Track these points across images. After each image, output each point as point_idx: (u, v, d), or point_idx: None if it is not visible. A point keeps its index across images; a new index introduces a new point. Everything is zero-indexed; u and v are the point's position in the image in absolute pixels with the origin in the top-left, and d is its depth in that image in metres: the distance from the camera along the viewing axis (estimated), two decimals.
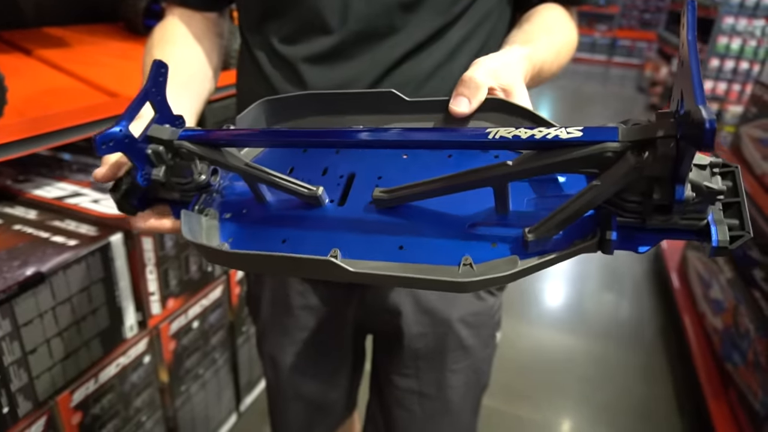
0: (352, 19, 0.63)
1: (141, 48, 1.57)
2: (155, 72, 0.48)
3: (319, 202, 0.48)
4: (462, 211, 0.45)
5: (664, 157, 0.33)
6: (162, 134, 0.48)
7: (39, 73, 1.21)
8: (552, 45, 0.63)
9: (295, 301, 0.81)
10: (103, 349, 1.01)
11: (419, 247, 0.43)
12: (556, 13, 0.70)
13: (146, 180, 0.49)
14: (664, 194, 0.35)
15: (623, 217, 0.38)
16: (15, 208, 1.04)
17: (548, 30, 0.66)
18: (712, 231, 0.36)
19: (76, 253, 0.91)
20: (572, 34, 0.71)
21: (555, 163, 0.38)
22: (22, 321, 0.83)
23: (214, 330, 1.32)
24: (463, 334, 0.78)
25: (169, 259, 1.11)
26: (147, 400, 1.14)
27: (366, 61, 0.65)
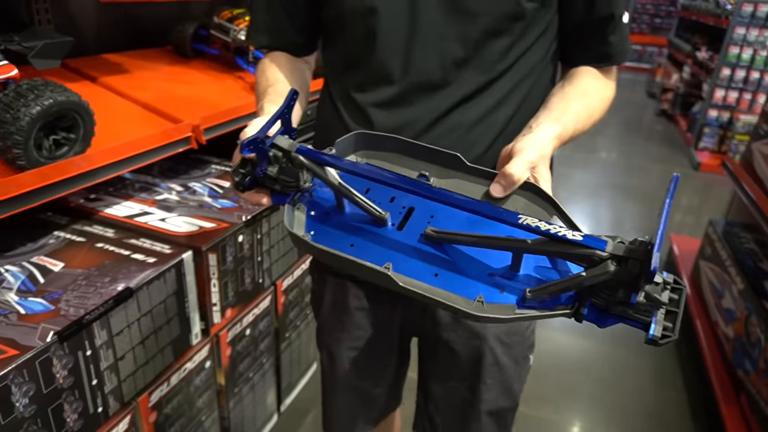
0: (412, 72, 0.76)
1: (190, 71, 1.69)
2: (289, 98, 0.64)
3: (384, 223, 0.62)
4: (486, 260, 0.59)
5: (629, 272, 0.48)
6: (284, 144, 0.63)
7: (107, 101, 1.32)
8: (585, 110, 0.75)
9: (353, 303, 0.93)
10: (174, 355, 1.11)
11: (449, 278, 0.57)
12: (595, 75, 0.80)
13: (263, 173, 0.63)
14: (625, 295, 0.50)
15: (595, 300, 0.53)
16: (93, 226, 1.15)
17: (584, 94, 0.77)
18: (651, 327, 0.51)
19: (157, 269, 1.02)
20: (608, 92, 0.82)
21: (558, 252, 0.54)
22: (115, 331, 0.94)
23: (263, 336, 1.42)
24: (497, 350, 0.88)
25: (228, 272, 1.21)
26: (206, 401, 1.25)
27: (422, 107, 0.77)
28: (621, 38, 0.79)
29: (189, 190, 1.35)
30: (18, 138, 0.89)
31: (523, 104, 0.79)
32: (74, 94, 0.96)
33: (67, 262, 1.01)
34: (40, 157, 0.94)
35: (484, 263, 0.59)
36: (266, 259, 1.36)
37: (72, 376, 0.87)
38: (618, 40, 0.79)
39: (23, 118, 0.88)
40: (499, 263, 0.58)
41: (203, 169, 1.49)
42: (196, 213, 1.24)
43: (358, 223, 0.64)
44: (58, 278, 0.96)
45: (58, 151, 0.98)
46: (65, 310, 0.88)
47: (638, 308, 0.51)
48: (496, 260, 0.59)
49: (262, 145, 0.61)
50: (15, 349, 0.78)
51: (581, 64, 0.81)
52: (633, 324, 0.53)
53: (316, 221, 0.65)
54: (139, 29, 1.72)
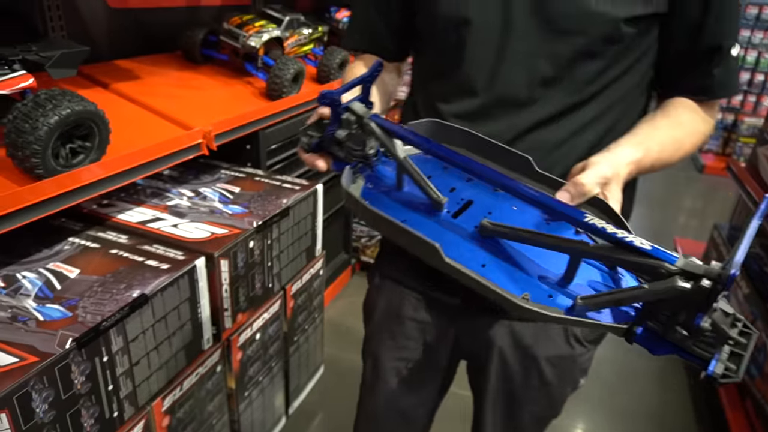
0: (497, 86, 0.76)
1: (199, 77, 1.71)
2: (374, 67, 0.66)
3: (440, 208, 0.62)
4: (540, 263, 0.56)
5: (700, 291, 0.43)
6: (359, 110, 0.65)
7: (119, 107, 1.34)
8: (673, 140, 0.73)
9: (407, 313, 0.93)
10: (186, 360, 1.13)
11: (496, 271, 0.55)
12: (691, 107, 0.77)
13: (331, 134, 0.66)
14: (689, 317, 0.44)
15: (652, 323, 0.48)
16: (107, 232, 1.16)
17: (676, 124, 0.74)
18: (712, 362, 0.45)
19: (170, 276, 1.03)
20: (704, 127, 0.78)
21: (622, 260, 0.50)
22: (131, 337, 0.96)
23: (272, 340, 1.44)
24: (546, 371, 0.90)
25: (239, 278, 1.23)
26: (217, 405, 1.26)
27: (504, 123, 0.77)
28: (727, 72, 0.75)
29: (200, 196, 1.37)
30: (36, 147, 0.90)
31: (610, 132, 0.77)
32: (91, 103, 0.98)
33: (82, 268, 1.03)
34: (57, 165, 0.96)
35: (538, 266, 0.56)
36: (276, 264, 1.37)
37: (89, 381, 0.88)
38: (723, 73, 0.75)
39: (41, 127, 0.90)
40: (553, 269, 0.56)
41: (213, 174, 1.50)
42: (207, 219, 1.25)
43: (413, 204, 0.64)
44: (74, 285, 0.98)
45: (75, 159, 1.00)
46: (82, 317, 0.89)
47: (700, 339, 0.46)
48: (551, 265, 0.56)
49: (338, 105, 0.64)
50: (35, 356, 0.80)
51: (679, 95, 0.78)
52: (689, 357, 0.47)
53: (373, 193, 0.66)
54: (149, 35, 1.74)
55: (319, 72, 1.90)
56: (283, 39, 1.73)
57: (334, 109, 0.65)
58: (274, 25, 1.71)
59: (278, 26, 1.72)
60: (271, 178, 1.50)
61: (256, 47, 1.63)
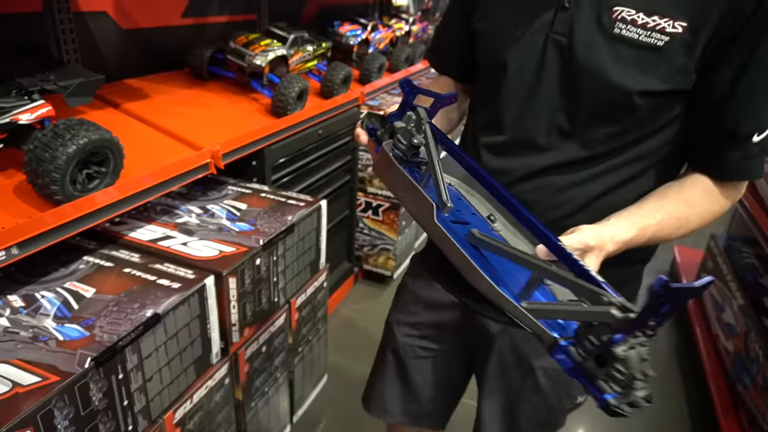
0: (521, 128, 0.85)
1: (206, 94, 1.76)
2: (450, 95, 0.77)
3: (444, 210, 0.68)
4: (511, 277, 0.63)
5: (626, 320, 0.47)
6: (421, 113, 0.77)
7: (130, 128, 1.39)
8: (675, 220, 0.76)
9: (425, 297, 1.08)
10: (196, 374, 1.18)
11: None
12: (705, 187, 0.79)
13: (391, 121, 0.79)
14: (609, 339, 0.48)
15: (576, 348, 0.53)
16: (120, 251, 1.21)
17: (686, 204, 0.78)
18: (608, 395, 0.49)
19: (182, 295, 1.08)
20: (715, 206, 0.79)
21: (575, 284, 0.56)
22: (144, 354, 1.00)
23: (277, 352, 1.49)
24: (541, 380, 0.97)
25: (246, 294, 1.28)
26: (225, 416, 1.31)
27: (522, 161, 0.85)
28: (744, 157, 0.76)
29: (208, 213, 1.42)
30: (56, 175, 0.95)
31: (618, 188, 0.82)
32: (106, 131, 1.03)
33: (98, 287, 1.08)
34: (75, 190, 1.01)
35: (509, 276, 0.64)
36: (281, 279, 1.42)
37: (106, 398, 0.93)
38: (738, 157, 0.76)
39: (60, 156, 0.95)
40: (520, 280, 0.62)
41: (220, 191, 1.55)
42: (215, 237, 1.30)
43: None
44: (90, 304, 1.03)
45: (90, 184, 1.05)
46: (100, 336, 0.94)
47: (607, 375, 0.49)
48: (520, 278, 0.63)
49: (411, 101, 0.78)
50: (56, 375, 0.85)
51: (696, 169, 0.81)
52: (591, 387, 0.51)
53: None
54: (158, 53, 1.79)
55: (322, 87, 1.95)
56: (287, 57, 1.78)
57: (405, 100, 0.78)
58: (279, 43, 1.76)
59: (283, 44, 1.77)
60: (276, 194, 1.55)
61: (261, 66, 1.68)
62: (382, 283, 2.62)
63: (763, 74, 0.72)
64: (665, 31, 0.71)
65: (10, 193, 1.03)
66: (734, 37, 0.70)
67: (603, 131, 0.79)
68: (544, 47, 0.79)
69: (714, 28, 0.70)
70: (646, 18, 0.72)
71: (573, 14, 0.76)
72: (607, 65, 0.74)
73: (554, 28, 0.78)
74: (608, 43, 0.74)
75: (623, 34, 0.73)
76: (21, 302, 1.02)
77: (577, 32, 0.76)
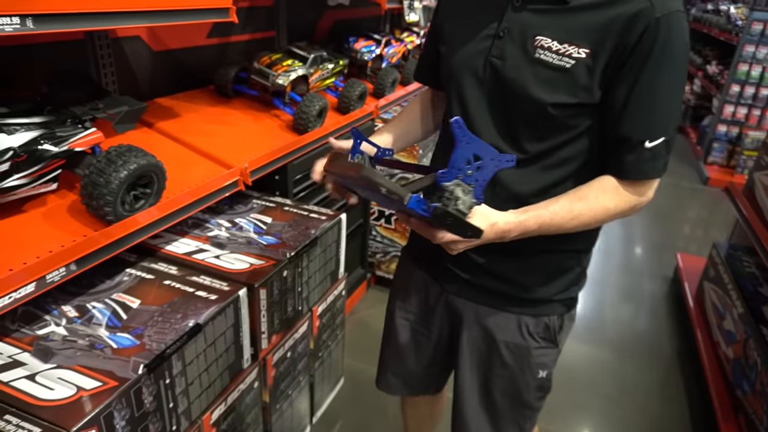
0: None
1: (231, 112, 1.86)
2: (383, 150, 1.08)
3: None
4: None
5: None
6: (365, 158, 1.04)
7: (164, 147, 1.48)
8: (568, 212, 0.92)
9: (410, 281, 1.25)
10: (230, 378, 1.27)
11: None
12: (603, 186, 0.94)
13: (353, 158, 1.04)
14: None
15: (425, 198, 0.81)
16: (158, 264, 1.31)
17: (578, 199, 0.93)
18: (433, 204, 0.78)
19: (219, 306, 1.17)
20: (608, 204, 0.94)
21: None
22: (187, 361, 1.10)
23: (300, 357, 1.58)
24: (504, 353, 1.12)
25: (274, 303, 1.37)
26: (254, 417, 1.41)
27: None
28: (636, 160, 0.91)
29: (236, 227, 1.51)
30: (109, 198, 1.05)
31: (553, 188, 0.98)
32: (152, 156, 1.12)
33: (142, 299, 1.17)
34: (124, 211, 1.11)
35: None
36: (305, 289, 1.52)
37: (156, 401, 1.03)
38: (632, 160, 0.91)
39: (114, 181, 1.05)
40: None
41: (246, 204, 1.64)
42: (245, 250, 1.40)
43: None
44: (137, 315, 1.12)
45: (137, 204, 1.14)
46: (149, 345, 1.04)
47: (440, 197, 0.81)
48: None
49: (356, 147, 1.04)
50: (115, 381, 0.94)
51: (604, 171, 0.96)
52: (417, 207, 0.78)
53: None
54: (185, 73, 1.88)
55: (340, 103, 2.04)
56: (308, 76, 1.87)
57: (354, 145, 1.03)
58: (300, 63, 1.85)
59: (304, 64, 1.86)
60: (298, 208, 1.64)
61: (284, 85, 1.77)
62: None
63: (647, 92, 0.88)
64: (572, 56, 0.88)
65: (64, 212, 1.13)
66: (624, 63, 0.87)
67: (528, 134, 0.96)
68: (484, 67, 0.97)
69: (609, 55, 0.87)
70: (558, 45, 0.89)
71: (505, 42, 0.95)
72: (529, 82, 0.92)
73: (492, 53, 0.96)
74: (531, 65, 0.92)
75: (542, 58, 0.90)
76: (75, 312, 1.12)
77: (508, 56, 0.94)
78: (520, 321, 1.09)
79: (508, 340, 1.11)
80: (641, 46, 0.85)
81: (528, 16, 0.92)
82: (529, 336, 1.10)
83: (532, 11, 0.92)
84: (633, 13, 0.84)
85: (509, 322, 1.10)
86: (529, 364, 1.12)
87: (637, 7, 0.84)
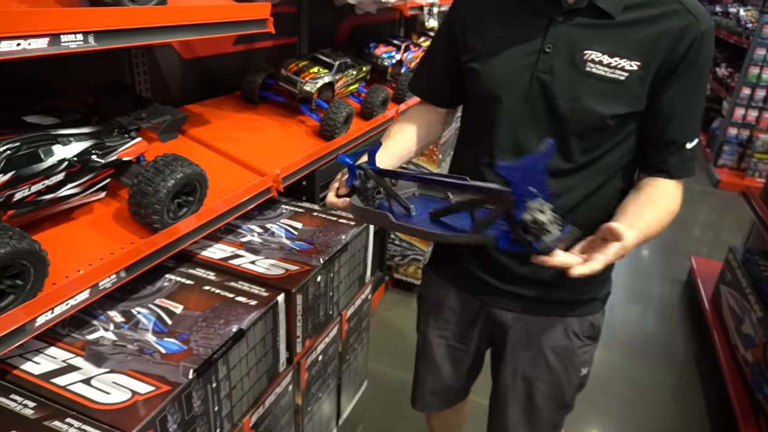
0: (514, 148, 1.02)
1: (259, 118, 1.89)
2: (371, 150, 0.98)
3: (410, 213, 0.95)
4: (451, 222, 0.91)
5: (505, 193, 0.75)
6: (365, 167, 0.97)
7: (199, 154, 1.51)
8: (654, 219, 0.94)
9: (443, 299, 1.25)
10: (267, 382, 1.30)
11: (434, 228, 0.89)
12: (662, 187, 0.99)
13: (350, 184, 0.98)
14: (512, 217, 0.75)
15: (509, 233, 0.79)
16: (196, 269, 1.34)
17: (652, 203, 0.96)
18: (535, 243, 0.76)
19: (259, 311, 1.20)
20: (673, 205, 1.00)
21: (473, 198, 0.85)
22: (231, 365, 1.13)
23: (330, 360, 1.61)
24: (550, 357, 1.15)
25: (309, 308, 1.40)
26: (287, 419, 1.43)
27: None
28: (680, 160, 0.99)
29: (268, 232, 1.54)
30: (157, 207, 1.08)
31: (594, 194, 1.02)
32: (197, 166, 1.15)
33: (184, 304, 1.20)
34: (169, 219, 1.13)
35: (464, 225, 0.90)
36: (336, 293, 1.54)
37: (203, 404, 1.05)
38: (677, 161, 0.99)
39: (162, 190, 1.07)
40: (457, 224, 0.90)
41: (275, 210, 1.67)
42: (278, 255, 1.42)
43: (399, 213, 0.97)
44: (182, 320, 1.15)
45: (180, 212, 1.17)
46: (196, 350, 1.06)
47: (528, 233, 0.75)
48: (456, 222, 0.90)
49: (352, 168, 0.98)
50: (167, 385, 0.97)
51: (648, 173, 1.02)
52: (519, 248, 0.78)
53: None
54: (212, 79, 1.91)
55: (363, 108, 2.07)
56: (334, 82, 1.90)
57: (349, 169, 0.98)
58: (326, 70, 1.88)
59: (329, 71, 1.89)
60: (327, 213, 1.67)
61: (311, 92, 1.80)
62: (411, 292, 2.74)
63: (690, 98, 0.96)
64: (624, 68, 0.93)
65: (110, 220, 1.16)
66: (672, 72, 0.93)
67: (579, 145, 0.99)
68: (530, 82, 0.98)
69: (658, 66, 0.93)
70: (609, 59, 0.93)
71: (552, 56, 0.96)
72: (584, 95, 0.95)
73: (538, 68, 0.98)
74: (582, 78, 0.95)
75: (594, 71, 0.94)
76: (121, 318, 1.15)
77: (556, 70, 0.96)
78: (567, 323, 1.13)
79: (554, 344, 1.15)
80: (688, 57, 0.92)
81: (574, 31, 0.95)
82: (575, 336, 1.14)
83: (577, 26, 0.95)
84: (681, 27, 0.91)
85: (555, 327, 1.13)
86: (573, 364, 1.16)
87: (684, 22, 0.91)
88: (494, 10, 1.04)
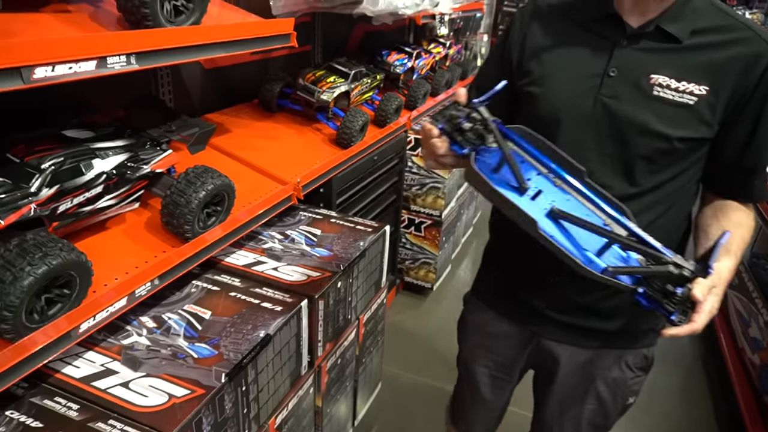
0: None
1: (277, 126, 1.94)
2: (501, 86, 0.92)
3: (524, 192, 0.89)
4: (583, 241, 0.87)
5: (682, 277, 0.80)
6: (485, 113, 0.89)
7: (223, 163, 1.56)
8: (742, 240, 0.98)
9: (489, 328, 1.25)
10: (290, 385, 1.34)
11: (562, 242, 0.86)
12: (741, 209, 1.02)
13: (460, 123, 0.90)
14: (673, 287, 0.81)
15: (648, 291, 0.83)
16: (221, 275, 1.38)
17: (738, 225, 0.99)
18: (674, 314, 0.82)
19: (284, 317, 1.24)
20: (752, 223, 1.02)
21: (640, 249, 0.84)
22: (259, 369, 1.17)
23: (348, 363, 1.65)
24: (600, 389, 1.15)
25: (329, 313, 1.44)
26: (308, 421, 1.48)
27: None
28: (762, 184, 1.01)
29: (288, 239, 1.58)
30: (189, 217, 1.12)
31: (661, 217, 1.02)
32: (225, 177, 1.19)
33: (212, 310, 1.24)
34: (199, 228, 1.18)
35: (583, 239, 0.87)
36: (354, 298, 1.59)
37: (234, 407, 1.10)
38: (759, 184, 1.01)
39: (193, 201, 1.12)
40: (592, 245, 0.87)
41: (294, 216, 1.71)
42: (300, 262, 1.47)
43: (505, 181, 0.90)
44: (211, 325, 1.19)
45: (209, 221, 1.22)
46: (226, 355, 1.11)
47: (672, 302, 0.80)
48: (591, 243, 0.87)
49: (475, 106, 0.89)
50: (201, 389, 1.01)
51: (726, 197, 1.03)
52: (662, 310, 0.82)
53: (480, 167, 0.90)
54: (231, 89, 1.96)
55: (377, 116, 2.11)
56: (350, 91, 1.95)
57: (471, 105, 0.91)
58: (342, 79, 1.93)
59: (345, 80, 1.93)
60: (344, 220, 1.71)
61: (328, 101, 1.84)
62: (421, 294, 2.78)
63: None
64: (693, 93, 0.92)
65: (142, 229, 1.20)
66: (748, 100, 0.93)
67: (645, 170, 0.97)
68: (594, 106, 0.97)
69: (731, 92, 0.92)
70: (677, 83, 0.93)
71: (616, 80, 0.96)
72: (651, 119, 0.94)
73: (602, 92, 0.97)
74: (649, 102, 0.94)
75: (661, 95, 0.93)
76: (153, 323, 1.19)
77: (621, 94, 0.96)
78: (621, 356, 1.12)
79: (607, 375, 1.14)
80: (764, 83, 0.91)
81: (640, 55, 0.94)
82: (627, 368, 1.14)
83: (643, 50, 0.94)
84: (753, 53, 0.90)
85: (610, 359, 1.12)
86: (623, 394, 1.16)
87: (756, 48, 0.91)
88: (554, 33, 1.03)
